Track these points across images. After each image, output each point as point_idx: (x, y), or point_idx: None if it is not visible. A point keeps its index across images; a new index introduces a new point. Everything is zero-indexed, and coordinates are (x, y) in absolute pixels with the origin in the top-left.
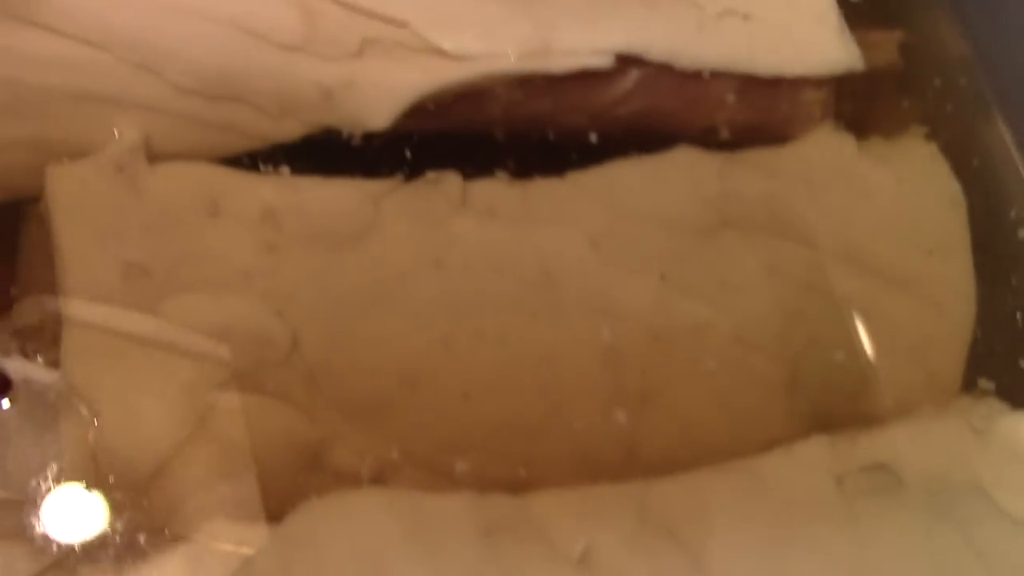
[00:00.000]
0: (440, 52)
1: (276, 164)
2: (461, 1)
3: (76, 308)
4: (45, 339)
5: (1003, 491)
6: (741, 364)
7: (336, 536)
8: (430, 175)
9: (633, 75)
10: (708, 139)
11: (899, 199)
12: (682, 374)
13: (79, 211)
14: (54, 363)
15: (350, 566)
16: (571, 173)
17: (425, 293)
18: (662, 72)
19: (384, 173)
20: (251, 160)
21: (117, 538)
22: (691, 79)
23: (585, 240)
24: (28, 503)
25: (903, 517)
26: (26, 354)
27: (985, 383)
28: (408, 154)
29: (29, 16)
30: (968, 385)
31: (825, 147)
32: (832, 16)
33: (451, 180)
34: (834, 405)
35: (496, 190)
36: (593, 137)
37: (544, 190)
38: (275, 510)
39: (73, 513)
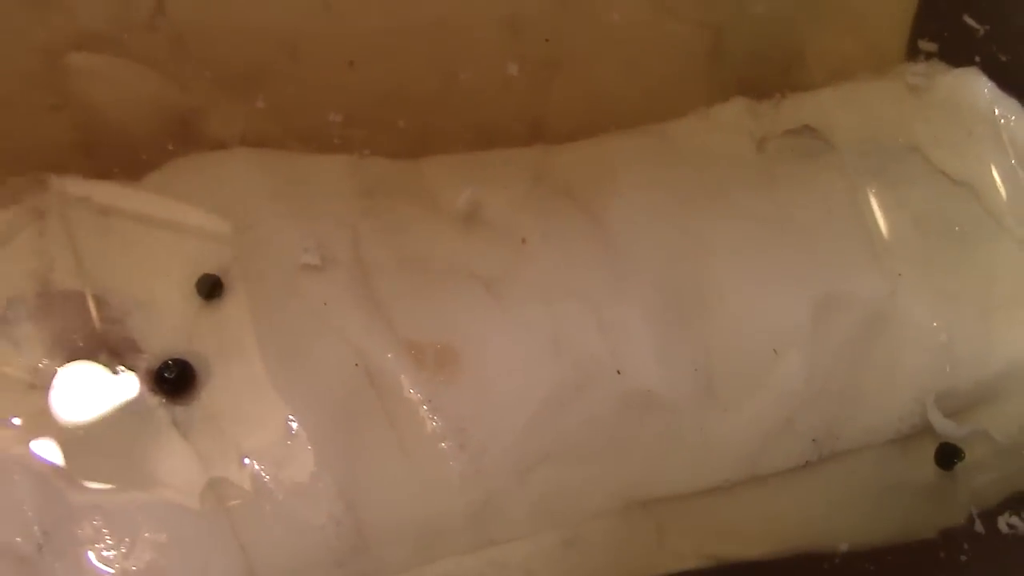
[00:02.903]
0: None
1: None
2: None
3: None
4: None
5: (940, 150)
6: (658, 30)
7: (199, 190)
8: None
9: None
10: None
11: None
12: (592, 41)
13: None
14: None
15: (215, 218)
16: None
17: None
18: None
19: None
20: None
21: None
22: None
23: None
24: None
25: (829, 178)
26: None
27: (927, 44)
28: None
29: None
30: (911, 54)
31: None
32: None
33: None
34: (762, 75)
35: None
36: None
37: None
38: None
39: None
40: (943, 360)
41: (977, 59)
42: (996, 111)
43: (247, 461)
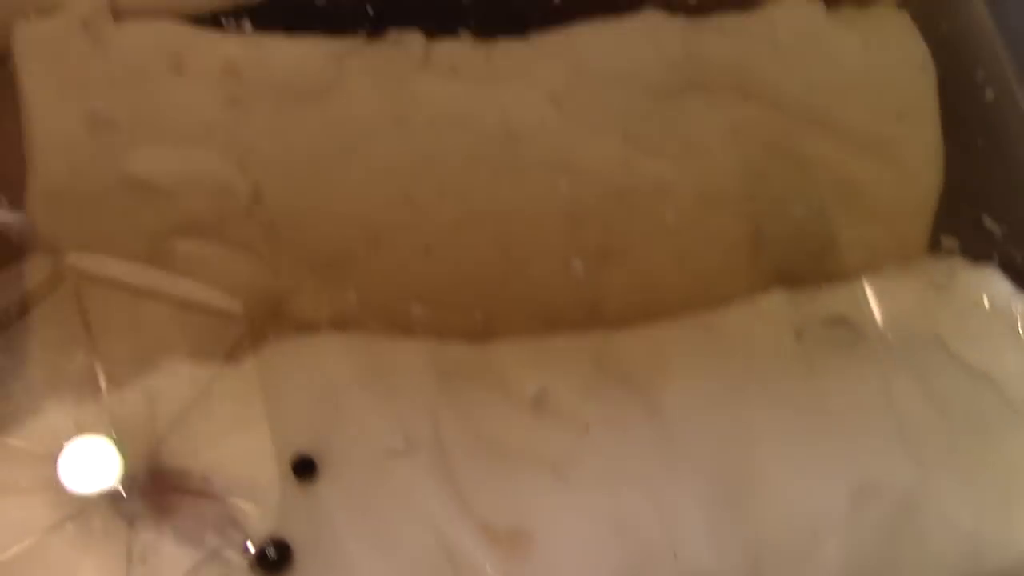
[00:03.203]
0: None
1: (239, 21)
2: None
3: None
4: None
5: (961, 341)
6: (703, 222)
7: (294, 374)
8: (393, 34)
9: None
10: (674, 3)
11: (867, 63)
12: (643, 231)
13: (45, 65)
14: None
15: (307, 402)
16: (535, 34)
17: (387, 149)
18: None
19: (347, 31)
20: (215, 19)
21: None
22: None
23: (547, 98)
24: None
25: (862, 369)
26: None
27: (949, 241)
28: (371, 12)
29: None
30: (934, 246)
31: (793, 13)
32: None
33: (414, 39)
34: (798, 264)
35: (459, 50)
36: (557, 0)
37: (507, 50)
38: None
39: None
40: (970, 545)
41: (995, 257)
42: (1014, 309)
43: None
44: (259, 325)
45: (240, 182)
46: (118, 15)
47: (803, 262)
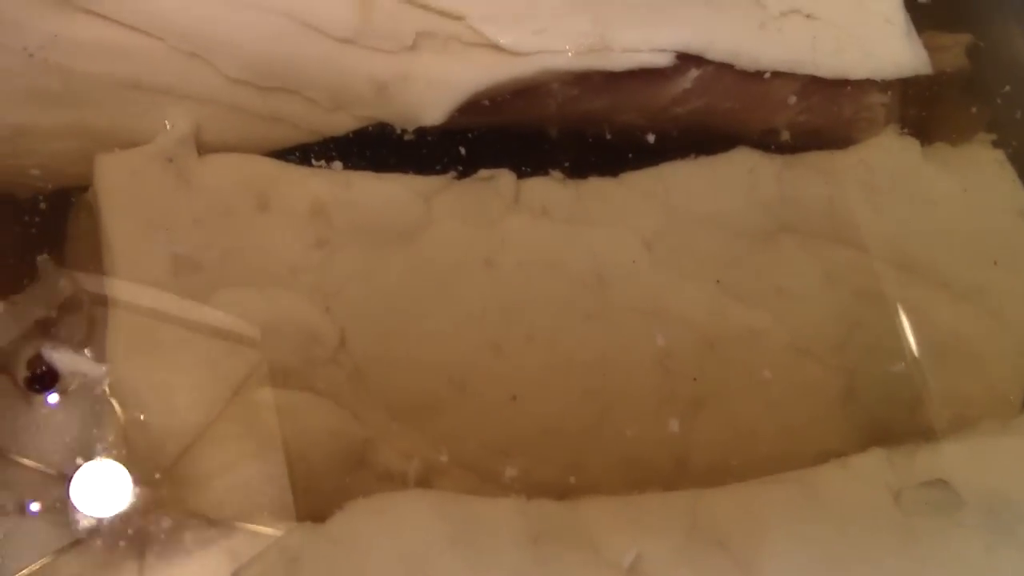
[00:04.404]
0: (496, 47)
1: (327, 158)
2: None
3: (121, 292)
4: (81, 316)
5: None
6: (796, 373)
7: (382, 537)
8: (483, 173)
9: (693, 74)
10: (767, 141)
11: (963, 207)
12: (736, 381)
13: (128, 202)
14: (88, 342)
15: (395, 567)
16: (626, 173)
17: (475, 293)
18: (722, 71)
19: (436, 169)
20: (302, 153)
21: (141, 517)
22: (752, 79)
23: (639, 242)
24: (58, 479)
25: (962, 536)
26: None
27: None
28: (461, 151)
29: (80, 2)
30: None
31: (888, 152)
32: (899, 17)
33: (504, 178)
34: (891, 416)
35: (549, 189)
36: (650, 137)
37: (598, 190)
38: (322, 510)
39: (100, 490)
40: None
41: None
42: None
43: None
44: (343, 476)
45: (327, 328)
46: (202, 148)
47: (896, 415)
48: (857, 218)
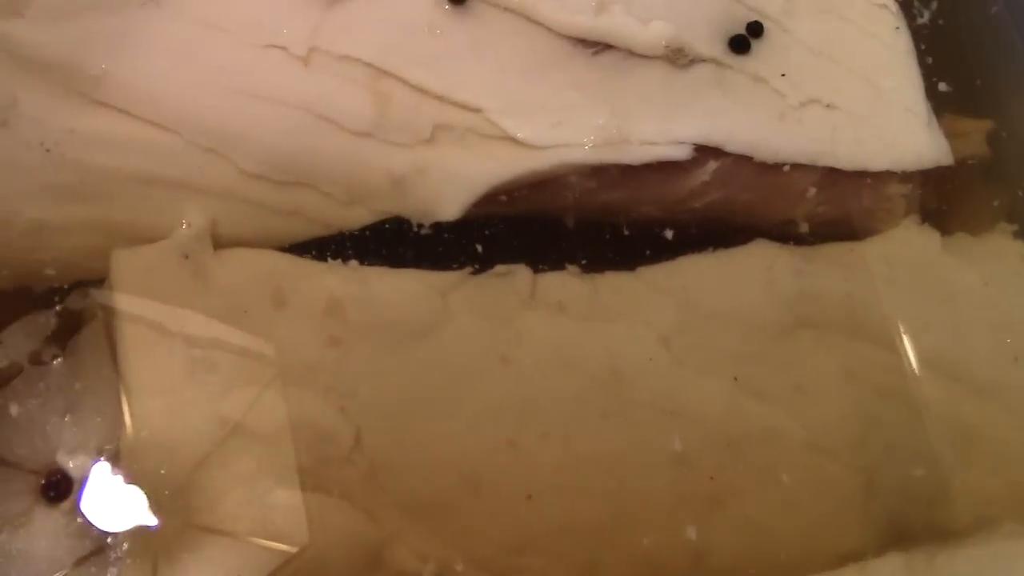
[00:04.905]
0: (513, 140)
1: (343, 252)
2: (536, 88)
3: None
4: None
5: None
6: (815, 472)
7: None
8: (499, 268)
9: (711, 166)
10: (786, 232)
11: (984, 301)
12: (753, 481)
13: (143, 299)
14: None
15: None
16: (643, 268)
17: (491, 391)
18: (741, 163)
19: (453, 264)
20: (318, 247)
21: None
22: (771, 171)
23: (656, 338)
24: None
25: None
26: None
27: None
28: (478, 246)
29: (96, 96)
30: None
31: (908, 243)
32: (920, 107)
33: (521, 274)
34: (911, 516)
35: (566, 284)
36: (668, 233)
37: (615, 285)
38: None
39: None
40: None
41: None
42: None
43: None
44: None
45: (342, 428)
46: (218, 242)
47: (915, 514)
48: (876, 312)
